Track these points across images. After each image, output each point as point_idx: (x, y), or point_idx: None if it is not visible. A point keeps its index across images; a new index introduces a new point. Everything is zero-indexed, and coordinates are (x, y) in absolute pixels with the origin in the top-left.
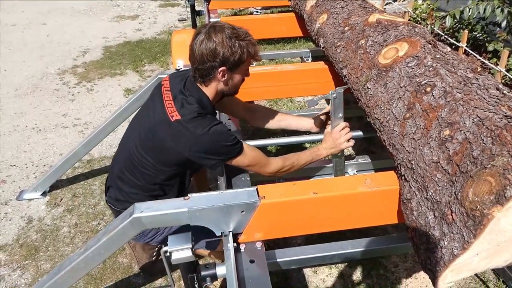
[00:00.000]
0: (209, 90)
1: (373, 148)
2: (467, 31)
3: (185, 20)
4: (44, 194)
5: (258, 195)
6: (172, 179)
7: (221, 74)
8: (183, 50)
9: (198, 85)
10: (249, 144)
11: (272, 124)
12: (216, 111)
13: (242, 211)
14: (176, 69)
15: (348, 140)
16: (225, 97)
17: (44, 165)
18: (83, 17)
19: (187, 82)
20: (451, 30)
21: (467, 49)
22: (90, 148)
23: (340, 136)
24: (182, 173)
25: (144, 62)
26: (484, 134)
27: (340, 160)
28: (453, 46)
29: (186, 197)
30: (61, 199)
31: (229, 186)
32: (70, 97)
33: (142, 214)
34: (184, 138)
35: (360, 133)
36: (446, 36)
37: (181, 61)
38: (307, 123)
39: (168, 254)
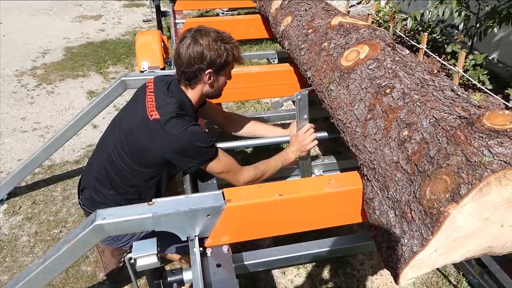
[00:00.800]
0: (194, 93)
1: (339, 148)
2: (426, 34)
3: (150, 21)
4: (1, 202)
5: (224, 199)
6: (149, 182)
7: (207, 76)
8: (148, 51)
9: (183, 87)
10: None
11: (248, 132)
12: (197, 116)
13: (208, 215)
14: (141, 71)
15: (313, 140)
16: (206, 105)
17: (1, 172)
18: (43, 16)
19: (171, 85)
20: (412, 32)
21: (427, 50)
22: (51, 153)
23: (305, 137)
24: (159, 176)
25: (108, 63)
26: (440, 134)
27: (306, 161)
28: (414, 48)
29: (150, 202)
30: (20, 207)
31: (195, 190)
32: (29, 100)
33: (104, 221)
34: (161, 138)
35: (325, 134)
36: (407, 38)
37: (145, 63)
38: (281, 133)
39: (133, 261)
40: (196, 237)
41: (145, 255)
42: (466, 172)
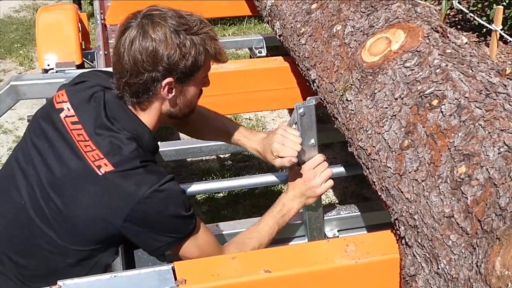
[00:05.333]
0: (149, 116)
1: (366, 191)
2: (502, 8)
3: None
4: None
5: (175, 278)
6: (83, 266)
7: (166, 89)
8: (57, 38)
9: (131, 108)
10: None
11: (209, 134)
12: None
13: None
14: (45, 69)
15: (327, 180)
16: None
17: None
18: None
19: (109, 104)
20: (479, 4)
21: (503, 34)
22: None
23: (315, 175)
24: (100, 257)
25: None
26: None
27: (316, 213)
28: (484, 30)
29: (54, 286)
30: None
31: (129, 261)
32: None
33: None
34: (116, 201)
35: (342, 169)
36: (471, 15)
37: (52, 56)
38: (254, 143)
39: None
40: None
41: None
42: None
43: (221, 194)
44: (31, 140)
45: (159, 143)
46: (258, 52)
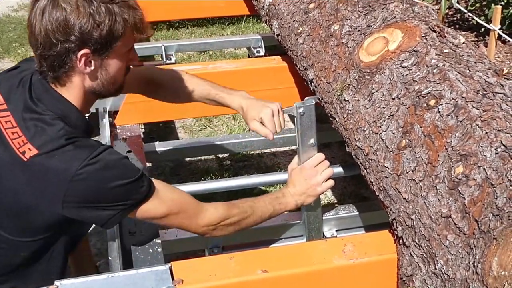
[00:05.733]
0: (72, 92)
1: (364, 191)
2: (500, 7)
3: None
4: None
5: (173, 278)
6: (40, 258)
7: (83, 61)
8: None
9: (53, 86)
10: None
11: (185, 94)
12: (91, 125)
13: None
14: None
15: (327, 180)
16: None
17: None
18: None
19: (34, 86)
20: (478, 4)
21: (501, 33)
22: None
23: (315, 174)
24: (53, 245)
25: None
26: None
27: (315, 213)
28: (482, 29)
29: (51, 286)
30: None
31: (126, 262)
32: None
33: None
34: (49, 184)
35: (340, 169)
36: (470, 14)
37: None
38: (238, 97)
39: None
40: None
41: None
42: None
43: (220, 194)
44: None
45: (156, 142)
46: (256, 52)
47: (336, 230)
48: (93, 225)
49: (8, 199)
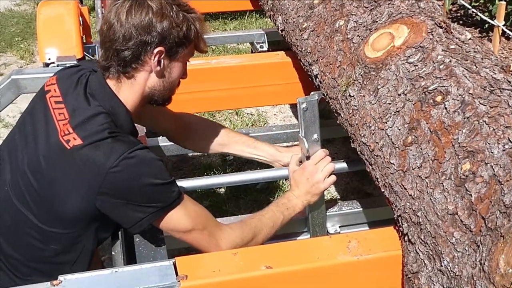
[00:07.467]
0: (131, 91)
1: (368, 187)
2: (504, 3)
3: None
4: None
5: (177, 273)
6: (69, 253)
7: (156, 58)
8: (58, 32)
9: (111, 84)
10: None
11: (214, 148)
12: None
13: None
14: (45, 63)
15: (329, 175)
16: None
17: None
18: None
19: (90, 82)
20: (482, 0)
21: (506, 30)
22: None
23: (317, 171)
24: (82, 243)
25: None
26: None
27: (319, 210)
28: (486, 25)
29: (55, 281)
30: None
31: (130, 257)
32: None
33: None
34: (87, 174)
35: (344, 165)
36: (474, 10)
37: (53, 50)
38: (268, 153)
39: None
40: None
41: None
42: None
43: (223, 189)
44: (20, 122)
45: (160, 137)
46: (260, 47)
47: (340, 226)
48: None
49: (47, 187)
